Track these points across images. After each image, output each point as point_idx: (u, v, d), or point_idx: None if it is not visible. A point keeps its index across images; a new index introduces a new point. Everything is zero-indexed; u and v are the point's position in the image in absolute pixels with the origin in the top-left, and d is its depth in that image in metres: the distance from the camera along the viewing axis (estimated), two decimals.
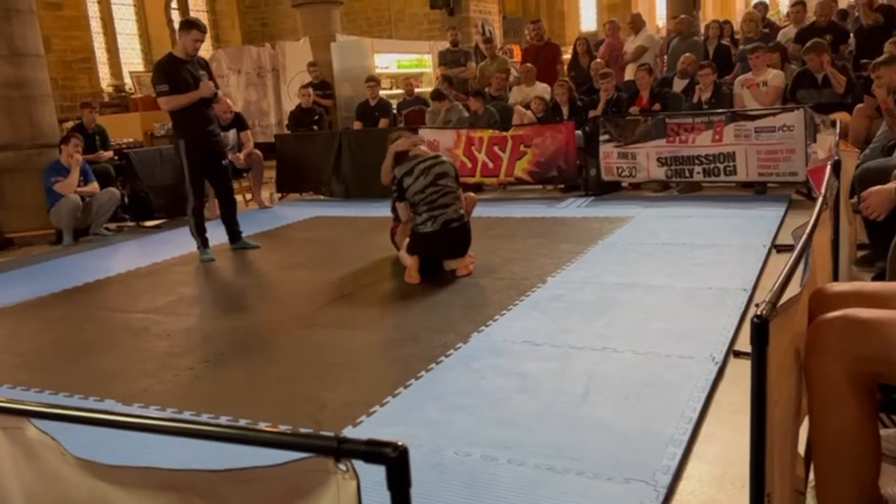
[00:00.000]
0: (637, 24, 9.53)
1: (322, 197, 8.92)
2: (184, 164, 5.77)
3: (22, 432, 1.20)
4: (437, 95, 8.94)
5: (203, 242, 5.91)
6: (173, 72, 5.57)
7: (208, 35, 16.84)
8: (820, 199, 2.20)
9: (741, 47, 8.42)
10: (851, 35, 8.21)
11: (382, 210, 7.58)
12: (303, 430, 2.62)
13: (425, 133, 8.22)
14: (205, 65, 5.87)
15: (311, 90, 9.86)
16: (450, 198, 4.81)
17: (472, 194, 5.36)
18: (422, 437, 2.57)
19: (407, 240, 4.96)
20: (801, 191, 6.61)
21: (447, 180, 4.82)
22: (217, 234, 6.08)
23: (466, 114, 8.66)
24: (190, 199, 5.84)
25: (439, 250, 4.82)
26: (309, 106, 9.62)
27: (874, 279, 3.63)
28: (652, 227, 5.80)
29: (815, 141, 5.95)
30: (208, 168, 5.86)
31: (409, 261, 4.77)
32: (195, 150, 5.73)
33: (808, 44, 6.89)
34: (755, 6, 10.62)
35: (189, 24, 5.70)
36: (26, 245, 7.27)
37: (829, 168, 2.69)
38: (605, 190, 7.52)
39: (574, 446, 2.44)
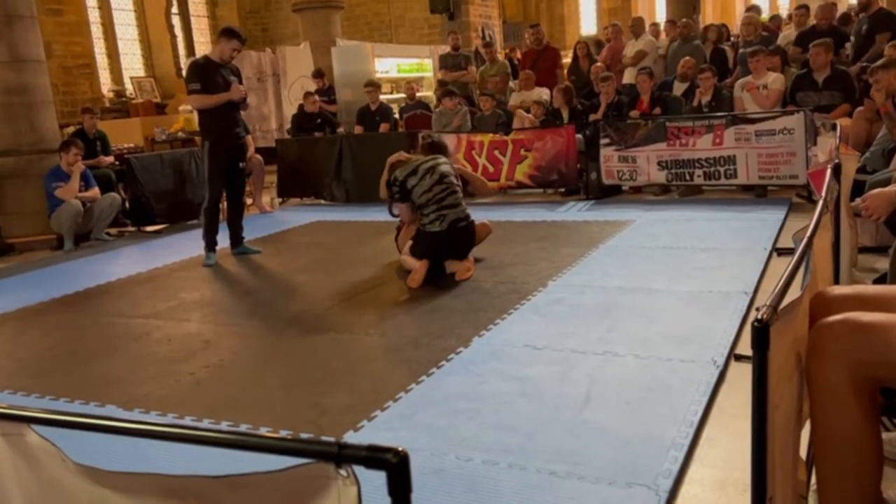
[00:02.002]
0: (638, 29, 9.54)
1: (323, 201, 8.92)
2: (204, 163, 5.93)
3: (23, 438, 1.20)
4: (447, 93, 8.94)
5: (209, 245, 5.94)
6: (207, 72, 5.71)
7: (208, 40, 16.95)
8: (820, 203, 2.20)
9: (741, 51, 8.43)
10: (851, 38, 8.22)
11: (383, 214, 7.57)
12: (304, 436, 2.62)
13: None
14: (236, 71, 6.01)
15: (317, 98, 9.84)
16: (456, 197, 4.88)
17: (488, 224, 5.33)
18: (423, 441, 2.57)
19: (410, 242, 4.98)
20: (802, 194, 6.62)
21: (452, 178, 4.90)
22: (218, 239, 6.08)
23: (468, 121, 8.67)
24: (206, 198, 5.94)
25: (445, 249, 4.86)
26: (314, 111, 9.59)
27: (875, 282, 3.63)
28: (652, 231, 5.79)
29: (815, 144, 5.96)
30: (226, 170, 5.94)
31: (417, 265, 4.78)
32: (219, 152, 5.86)
33: (816, 41, 6.89)
34: (749, 9, 10.57)
35: (232, 33, 5.83)
36: (27, 250, 7.27)
37: (829, 171, 2.69)
38: (606, 193, 7.52)
39: (575, 451, 2.43)
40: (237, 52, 5.83)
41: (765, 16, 14.09)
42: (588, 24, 23.16)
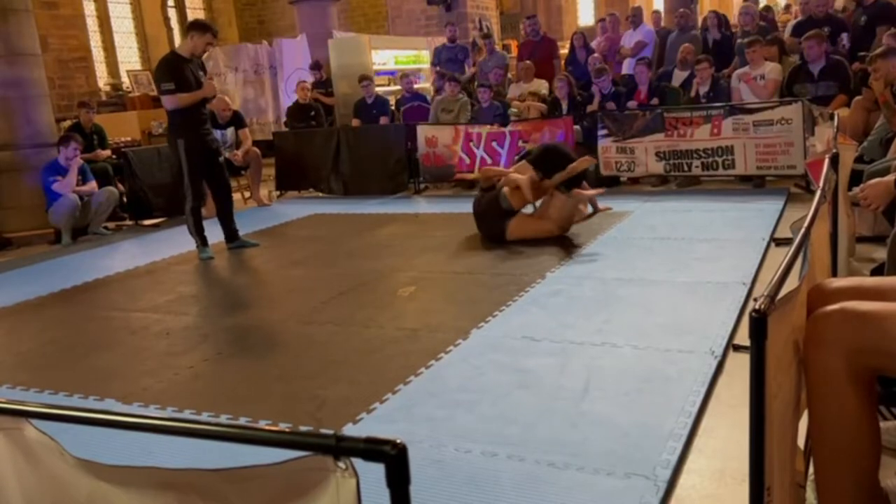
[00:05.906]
0: (637, 19, 9.52)
1: (321, 194, 8.91)
2: (182, 164, 5.74)
3: (21, 433, 1.20)
4: (450, 78, 8.87)
5: (202, 241, 5.90)
6: (178, 70, 5.56)
7: None
8: (818, 193, 2.20)
9: (739, 41, 8.40)
10: (849, 29, 8.19)
11: (381, 207, 7.59)
12: (302, 429, 2.63)
13: (424, 129, 8.21)
14: (202, 65, 5.89)
15: (308, 84, 9.85)
16: None
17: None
18: (422, 433, 2.57)
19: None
20: (800, 184, 6.61)
21: None
22: (216, 233, 6.07)
23: (468, 110, 8.64)
24: (188, 198, 5.80)
25: None
26: (306, 102, 9.60)
27: (873, 272, 3.63)
28: (651, 222, 5.79)
29: (813, 134, 5.95)
30: (206, 167, 5.85)
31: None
32: (194, 149, 5.72)
33: (809, 33, 6.88)
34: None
35: (205, 27, 5.68)
36: (25, 245, 7.26)
37: (827, 161, 2.68)
38: (604, 185, 7.50)
39: (574, 441, 2.44)
40: (210, 46, 5.67)
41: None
42: (585, 14, 23.08)
